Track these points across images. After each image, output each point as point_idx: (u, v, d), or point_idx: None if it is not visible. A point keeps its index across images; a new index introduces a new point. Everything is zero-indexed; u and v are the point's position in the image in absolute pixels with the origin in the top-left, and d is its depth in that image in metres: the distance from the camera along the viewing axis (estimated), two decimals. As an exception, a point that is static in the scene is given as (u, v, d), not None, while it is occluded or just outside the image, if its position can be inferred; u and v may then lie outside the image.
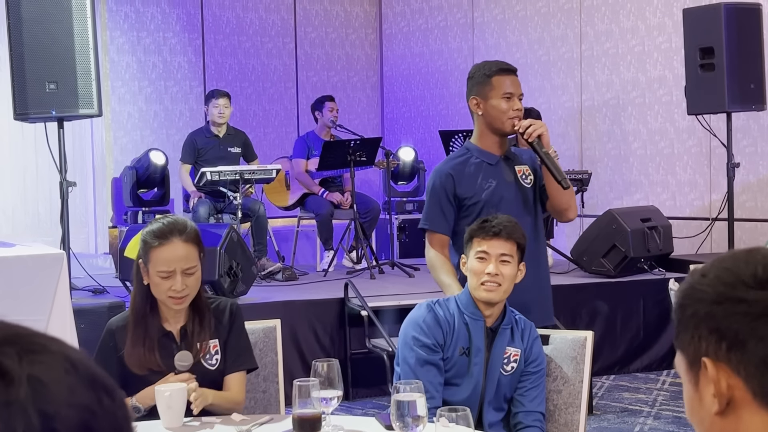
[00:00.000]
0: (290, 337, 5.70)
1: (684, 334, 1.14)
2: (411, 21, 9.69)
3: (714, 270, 1.12)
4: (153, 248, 2.76)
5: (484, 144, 3.46)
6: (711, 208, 7.21)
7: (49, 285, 3.82)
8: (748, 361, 1.07)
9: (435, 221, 3.44)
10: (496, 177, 3.42)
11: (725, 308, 1.08)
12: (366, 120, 9.76)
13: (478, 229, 2.87)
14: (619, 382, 6.07)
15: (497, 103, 3.39)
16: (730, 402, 1.09)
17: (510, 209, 3.36)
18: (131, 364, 2.77)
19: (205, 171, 6.67)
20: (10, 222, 8.01)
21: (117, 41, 8.66)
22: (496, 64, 3.46)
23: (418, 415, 2.09)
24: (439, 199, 3.42)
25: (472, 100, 3.44)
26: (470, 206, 3.40)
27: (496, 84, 3.39)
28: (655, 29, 7.67)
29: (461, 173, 3.42)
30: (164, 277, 2.74)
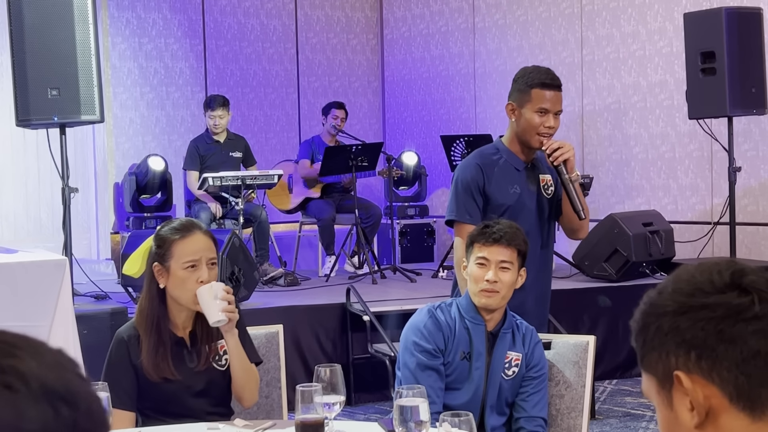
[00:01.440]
0: (292, 342, 5.70)
1: (650, 354, 1.14)
2: (412, 26, 9.70)
3: (670, 285, 1.13)
4: (176, 241, 2.76)
5: (514, 148, 3.44)
6: (713, 212, 7.21)
7: (52, 291, 3.82)
8: (720, 366, 1.07)
9: (466, 211, 3.38)
10: (520, 184, 3.41)
11: (689, 317, 1.09)
12: (367, 125, 9.76)
13: (479, 235, 2.87)
14: (622, 387, 6.07)
15: (530, 116, 3.34)
16: (709, 412, 1.09)
17: (529, 218, 3.38)
18: (149, 373, 2.75)
19: (207, 176, 6.69)
20: (12, 228, 8.01)
21: (119, 47, 8.67)
22: (542, 75, 3.37)
23: (420, 420, 2.10)
24: (470, 189, 3.38)
25: (509, 105, 3.41)
26: (495, 207, 3.38)
27: (535, 96, 3.33)
28: (656, 33, 7.68)
29: (491, 171, 3.40)
30: (191, 268, 2.74)
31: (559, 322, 5.77)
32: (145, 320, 2.79)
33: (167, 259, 2.77)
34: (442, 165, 8.51)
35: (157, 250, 2.80)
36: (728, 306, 1.07)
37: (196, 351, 2.82)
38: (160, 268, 2.78)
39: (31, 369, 0.77)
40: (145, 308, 2.80)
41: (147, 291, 2.82)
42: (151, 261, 2.81)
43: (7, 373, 0.76)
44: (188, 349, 2.83)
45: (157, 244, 2.81)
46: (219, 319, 2.70)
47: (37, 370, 0.78)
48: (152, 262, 2.80)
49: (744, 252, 6.75)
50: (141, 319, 2.80)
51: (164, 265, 2.77)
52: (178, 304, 2.80)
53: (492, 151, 3.46)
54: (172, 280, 2.77)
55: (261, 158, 7.97)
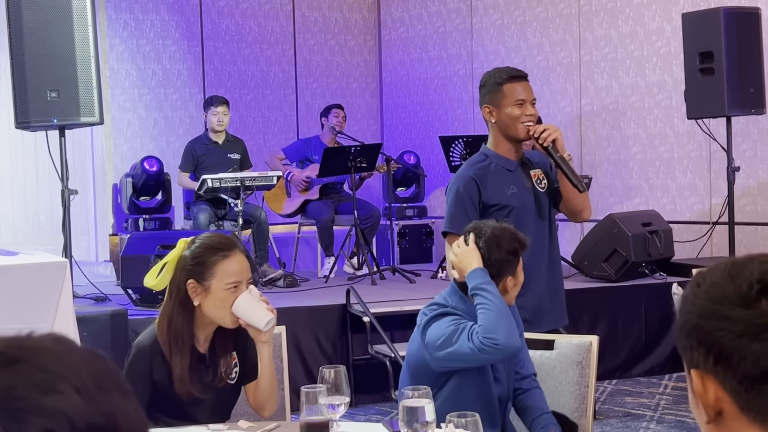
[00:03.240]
0: (292, 343, 5.70)
1: (680, 339, 1.16)
2: (410, 27, 9.70)
3: (706, 282, 1.13)
4: (219, 261, 2.68)
5: (501, 150, 3.47)
6: (711, 212, 7.22)
7: (52, 293, 3.82)
8: (732, 377, 1.08)
9: (459, 224, 3.38)
10: (516, 183, 3.44)
11: (711, 324, 1.10)
12: (365, 126, 9.77)
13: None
14: (622, 387, 6.07)
15: (510, 110, 3.41)
16: (721, 413, 1.10)
17: (529, 215, 3.43)
18: (180, 392, 2.69)
19: (205, 178, 6.68)
20: (11, 230, 8.00)
21: (116, 49, 8.66)
22: (506, 71, 3.47)
23: (426, 421, 2.10)
24: (464, 203, 3.41)
25: (485, 108, 3.46)
26: (498, 210, 3.40)
27: (508, 91, 3.41)
28: (654, 34, 7.68)
29: (484, 179, 3.43)
30: (233, 288, 2.67)
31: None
32: (175, 339, 2.69)
33: (207, 278, 2.69)
34: (441, 166, 8.51)
35: (195, 268, 2.69)
36: (748, 323, 1.07)
37: (213, 366, 2.79)
38: (196, 285, 2.69)
39: (75, 408, 0.75)
40: (176, 326, 2.70)
41: (177, 308, 2.71)
42: (184, 277, 2.70)
43: (53, 417, 0.73)
44: (206, 364, 2.79)
45: (196, 261, 2.70)
46: (270, 319, 2.69)
47: (82, 408, 0.75)
48: (186, 279, 2.70)
49: (743, 252, 6.75)
50: (169, 336, 2.70)
51: (202, 284, 2.69)
52: (205, 321, 2.75)
53: (481, 159, 3.50)
54: (211, 299, 2.69)
55: (259, 160, 7.97)
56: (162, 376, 2.69)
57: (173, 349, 2.69)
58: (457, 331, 2.65)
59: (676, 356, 6.30)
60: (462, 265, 2.77)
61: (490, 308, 2.65)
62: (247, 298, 2.68)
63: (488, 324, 2.62)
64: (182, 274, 2.72)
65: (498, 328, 2.57)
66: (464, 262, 2.76)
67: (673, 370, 6.35)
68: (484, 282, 2.70)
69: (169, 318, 2.72)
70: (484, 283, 2.70)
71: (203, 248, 2.74)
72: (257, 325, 2.69)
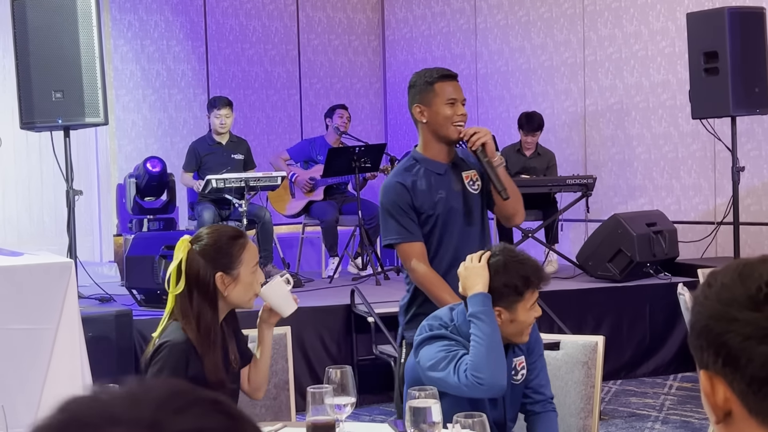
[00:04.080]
0: (297, 344, 5.70)
1: (691, 339, 1.16)
2: (414, 27, 9.70)
3: (717, 283, 1.14)
4: (242, 248, 2.76)
5: (431, 153, 3.39)
6: (716, 212, 7.21)
7: (58, 294, 3.82)
8: (740, 379, 1.08)
9: (408, 231, 3.32)
10: (444, 187, 3.35)
11: (720, 325, 1.10)
12: (369, 126, 9.77)
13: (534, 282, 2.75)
14: (626, 387, 6.07)
15: (441, 109, 3.33)
16: (730, 414, 1.10)
17: (458, 219, 3.35)
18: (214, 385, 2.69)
19: (210, 178, 6.68)
20: (16, 230, 8.01)
21: (121, 50, 8.67)
22: (437, 71, 3.41)
23: (433, 421, 2.09)
24: (402, 210, 3.31)
25: (416, 108, 3.38)
26: (426, 218, 3.33)
27: (439, 90, 3.34)
28: (659, 34, 7.68)
29: (414, 184, 3.34)
30: (256, 271, 2.79)
31: (564, 322, 5.77)
32: (207, 334, 2.72)
33: (236, 267, 2.74)
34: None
35: (222, 260, 2.74)
36: (757, 326, 1.07)
37: (225, 352, 2.82)
38: (224, 276, 2.74)
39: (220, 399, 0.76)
40: (206, 322, 2.73)
41: (204, 304, 2.73)
42: (210, 272, 2.73)
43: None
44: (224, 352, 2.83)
45: (222, 253, 2.75)
46: (294, 308, 2.85)
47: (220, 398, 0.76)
48: (213, 273, 2.73)
49: (747, 252, 6.75)
50: (200, 334, 2.72)
51: (230, 274, 2.74)
52: (224, 310, 2.79)
53: (410, 164, 3.41)
54: (240, 286, 2.75)
55: (263, 160, 7.96)
56: (196, 372, 2.72)
57: (205, 345, 2.71)
58: (447, 359, 2.61)
59: (681, 356, 6.30)
60: (467, 283, 2.69)
61: (481, 342, 2.58)
62: (282, 284, 2.84)
63: (476, 360, 2.55)
64: (207, 270, 2.74)
65: (485, 366, 2.48)
66: (469, 280, 2.68)
67: (678, 370, 6.35)
68: (481, 311, 2.62)
69: (197, 316, 2.73)
70: (482, 312, 2.61)
71: (222, 240, 2.77)
72: (282, 312, 2.85)
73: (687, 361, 6.17)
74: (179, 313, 2.75)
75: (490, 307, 2.64)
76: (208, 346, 2.72)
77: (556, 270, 7.26)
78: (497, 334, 2.62)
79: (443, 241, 3.33)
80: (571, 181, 7.12)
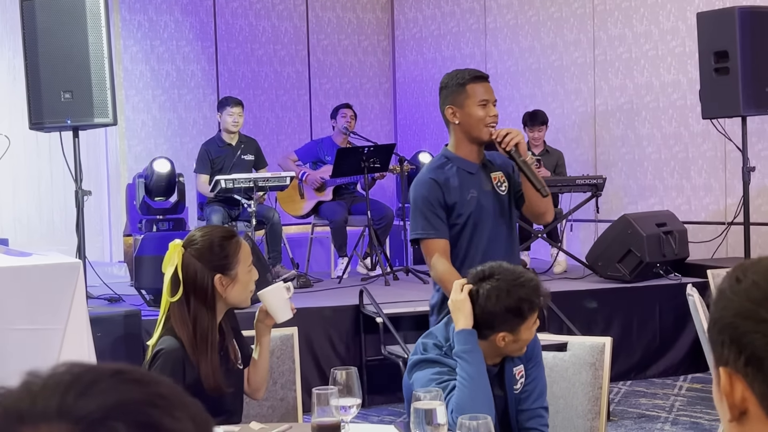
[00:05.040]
0: (305, 344, 5.69)
1: (713, 333, 1.13)
2: (423, 27, 9.69)
3: (747, 279, 1.10)
4: (238, 248, 2.76)
5: (462, 152, 3.44)
6: (726, 213, 7.18)
7: (66, 294, 3.82)
8: (762, 381, 1.06)
9: (435, 227, 3.35)
10: (475, 186, 3.40)
11: (747, 324, 1.07)
12: (379, 126, 9.76)
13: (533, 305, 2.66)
14: (636, 388, 6.04)
15: (474, 110, 3.37)
16: (745, 413, 1.08)
17: (489, 219, 3.39)
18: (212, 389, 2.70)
19: (219, 179, 6.69)
20: (26, 230, 8.04)
21: (131, 50, 8.69)
22: (468, 72, 3.45)
23: (438, 423, 2.09)
24: (431, 206, 3.36)
25: (448, 109, 3.41)
26: (458, 216, 3.37)
27: (471, 92, 3.38)
28: (669, 33, 7.65)
29: (446, 182, 3.38)
30: (251, 269, 2.80)
31: (573, 323, 5.75)
32: (203, 338, 2.70)
33: (233, 267, 2.73)
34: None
35: (221, 262, 2.72)
36: None
37: (224, 352, 2.81)
38: (223, 278, 2.72)
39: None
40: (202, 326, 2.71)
41: (200, 307, 2.71)
42: (208, 275, 2.71)
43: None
44: (222, 352, 2.81)
45: (220, 254, 2.73)
46: (289, 316, 2.88)
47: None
48: (212, 276, 2.71)
49: (758, 252, 6.71)
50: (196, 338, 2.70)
51: (229, 274, 2.73)
52: (221, 311, 2.78)
53: (442, 162, 3.45)
54: (238, 286, 2.74)
55: (273, 160, 7.97)
56: (193, 379, 2.70)
57: (201, 350, 2.69)
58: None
59: (690, 357, 6.27)
60: (454, 317, 2.64)
61: (465, 385, 2.53)
62: (282, 290, 2.87)
63: (459, 403, 2.50)
64: (204, 273, 2.71)
65: (468, 410, 2.36)
66: (454, 315, 2.63)
67: (688, 371, 6.32)
68: (465, 350, 2.56)
69: (193, 320, 2.70)
70: (466, 351, 2.56)
71: (217, 241, 2.76)
72: (276, 318, 2.87)
73: (697, 361, 6.15)
74: (175, 319, 2.72)
75: (474, 344, 2.57)
76: (204, 351, 2.70)
77: (565, 270, 7.25)
78: (482, 376, 2.56)
79: (474, 240, 3.38)
80: (580, 181, 7.10)
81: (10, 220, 7.98)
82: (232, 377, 2.81)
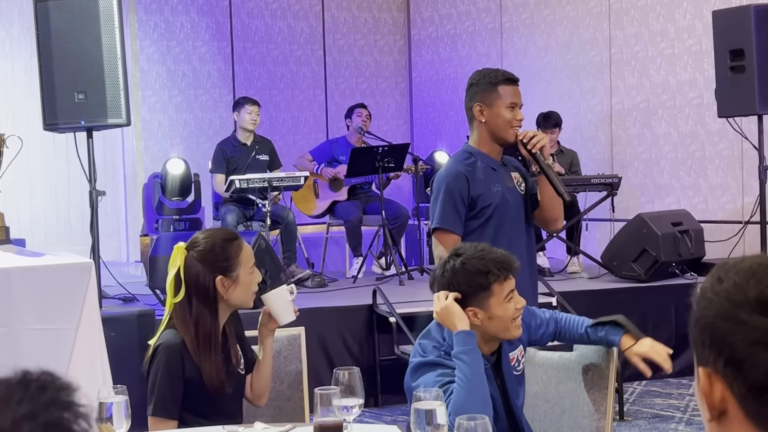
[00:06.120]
0: (319, 344, 5.71)
1: (694, 332, 1.13)
2: (439, 26, 9.68)
3: (728, 280, 1.09)
4: (239, 250, 2.80)
5: (486, 149, 3.47)
6: (743, 212, 7.14)
7: (78, 294, 3.85)
8: (741, 383, 1.05)
9: (451, 220, 3.39)
10: (499, 182, 3.44)
11: (727, 326, 1.07)
12: (395, 126, 9.76)
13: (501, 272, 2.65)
14: (651, 388, 6.02)
15: (502, 111, 3.40)
16: (725, 413, 1.08)
17: (512, 214, 3.43)
18: (214, 387, 2.74)
19: (233, 179, 6.71)
20: (43, 231, 8.09)
21: (147, 51, 8.73)
22: (502, 73, 3.47)
23: (438, 423, 2.08)
24: (454, 198, 3.39)
25: (476, 106, 3.43)
26: (483, 208, 3.40)
27: (502, 93, 3.41)
28: (685, 32, 7.61)
29: (473, 175, 3.42)
30: (254, 271, 2.83)
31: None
32: (206, 339, 2.73)
33: (235, 269, 2.77)
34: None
35: (222, 263, 2.76)
36: (765, 333, 1.04)
37: (226, 355, 2.83)
38: (224, 279, 2.76)
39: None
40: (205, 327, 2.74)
41: (202, 309, 2.75)
42: (210, 277, 2.75)
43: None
44: (224, 355, 2.84)
45: (221, 257, 2.77)
46: (292, 318, 2.90)
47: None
48: (213, 278, 2.75)
49: (775, 251, 6.67)
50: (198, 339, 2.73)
51: (230, 276, 2.77)
52: (225, 313, 2.81)
53: (466, 156, 3.48)
54: (240, 287, 2.79)
55: (289, 160, 7.98)
56: (193, 374, 2.73)
57: (204, 350, 2.73)
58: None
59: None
60: (447, 325, 2.63)
61: (462, 385, 2.53)
62: (285, 293, 2.88)
63: (456, 404, 2.50)
64: (206, 274, 2.75)
65: (464, 410, 2.35)
66: (447, 322, 2.62)
67: (703, 371, 6.28)
68: (464, 351, 2.56)
69: (195, 321, 2.74)
70: (464, 351, 2.56)
71: (219, 243, 2.80)
72: (279, 320, 2.89)
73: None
74: (178, 320, 2.76)
75: (473, 345, 2.58)
76: (207, 351, 2.73)
77: (581, 270, 7.22)
78: (480, 376, 2.56)
79: (499, 233, 3.40)
80: (596, 181, 7.08)
81: (28, 220, 8.03)
82: (232, 381, 2.82)
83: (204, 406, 2.77)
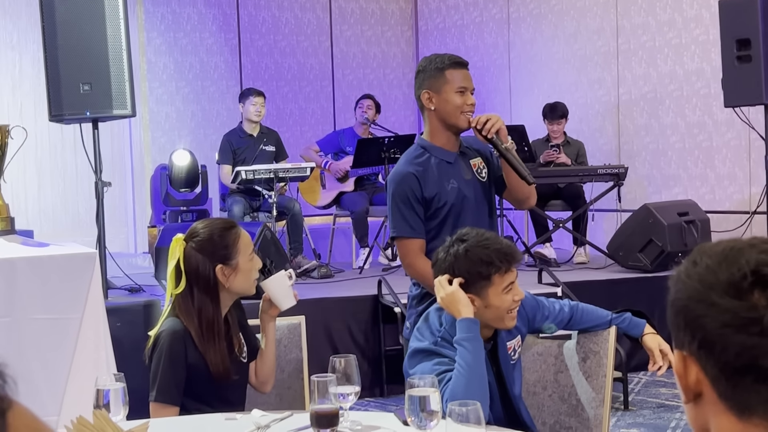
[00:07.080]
0: (324, 334, 5.72)
1: (670, 315, 1.14)
2: (446, 17, 9.67)
3: (702, 263, 1.10)
4: (237, 238, 2.82)
5: (439, 141, 3.29)
6: (751, 202, 7.12)
7: (82, 284, 3.86)
8: (714, 365, 1.06)
9: (409, 227, 3.24)
10: (455, 176, 3.27)
11: (699, 308, 1.08)
12: (402, 117, 9.76)
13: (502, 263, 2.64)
14: (656, 378, 6.01)
15: (451, 97, 3.23)
16: (700, 395, 1.09)
17: (471, 208, 3.28)
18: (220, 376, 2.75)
19: (239, 170, 6.73)
20: (51, 222, 8.12)
21: (154, 42, 8.74)
22: (448, 57, 3.30)
23: (431, 410, 2.10)
24: (407, 202, 3.23)
25: (424, 94, 3.27)
26: (438, 209, 3.25)
27: (450, 78, 3.24)
28: (692, 21, 7.58)
29: (424, 174, 3.25)
30: (253, 258, 2.85)
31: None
32: (210, 328, 2.76)
33: (234, 257, 2.79)
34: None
35: (221, 252, 2.78)
36: (735, 314, 1.05)
37: (229, 343, 2.85)
38: (224, 268, 2.78)
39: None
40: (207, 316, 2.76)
41: (204, 298, 2.77)
42: (210, 266, 2.77)
43: None
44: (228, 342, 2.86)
45: (220, 245, 2.79)
46: (293, 303, 2.92)
47: None
48: (213, 267, 2.77)
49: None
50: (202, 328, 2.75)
51: (230, 264, 2.79)
52: (226, 301, 2.83)
53: (419, 153, 3.30)
54: (240, 275, 2.80)
55: (296, 151, 7.99)
56: (195, 360, 2.75)
57: (208, 338, 2.75)
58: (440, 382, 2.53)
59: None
60: (451, 311, 2.61)
61: (461, 373, 2.51)
62: (284, 278, 2.91)
63: (454, 391, 2.48)
64: (205, 264, 2.77)
65: (461, 396, 2.34)
66: (452, 308, 2.59)
67: (709, 361, 6.27)
68: (466, 338, 2.54)
69: (198, 311, 2.76)
70: (467, 339, 2.54)
71: (218, 232, 2.81)
72: (280, 305, 2.92)
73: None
74: (181, 311, 2.78)
75: (476, 332, 2.56)
76: (211, 339, 2.75)
77: (588, 261, 7.22)
78: (480, 364, 2.54)
79: (456, 230, 3.29)
80: (602, 171, 7.07)
81: (36, 211, 8.07)
82: (236, 369, 2.84)
83: (206, 392, 2.79)
